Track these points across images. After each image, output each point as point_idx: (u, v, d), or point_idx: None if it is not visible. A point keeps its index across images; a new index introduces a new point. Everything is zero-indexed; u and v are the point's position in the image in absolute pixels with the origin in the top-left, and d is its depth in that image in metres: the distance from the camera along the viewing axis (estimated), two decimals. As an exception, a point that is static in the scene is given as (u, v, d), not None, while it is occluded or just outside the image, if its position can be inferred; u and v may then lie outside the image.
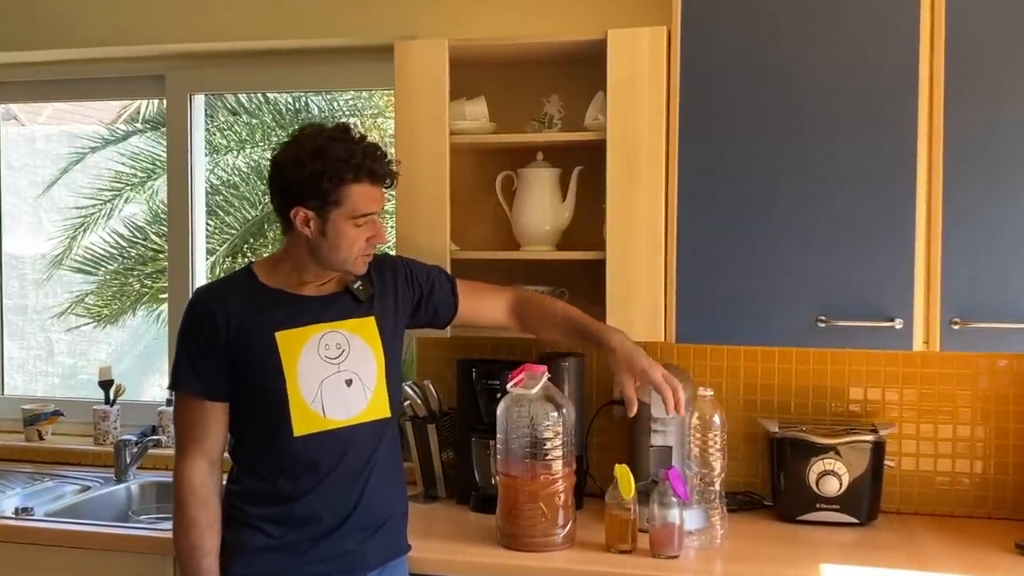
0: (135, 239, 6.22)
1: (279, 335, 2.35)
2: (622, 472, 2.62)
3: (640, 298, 2.79)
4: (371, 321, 2.46)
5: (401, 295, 2.57)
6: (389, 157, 2.38)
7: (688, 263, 2.73)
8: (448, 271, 2.78)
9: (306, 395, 2.34)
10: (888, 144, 2.59)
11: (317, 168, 2.28)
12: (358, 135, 2.36)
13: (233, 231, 6.11)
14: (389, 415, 2.45)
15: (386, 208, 2.58)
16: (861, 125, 2.61)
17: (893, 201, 2.60)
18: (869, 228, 2.61)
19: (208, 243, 4.61)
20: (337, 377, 2.37)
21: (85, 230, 6.05)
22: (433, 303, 2.64)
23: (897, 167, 2.59)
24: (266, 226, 6.06)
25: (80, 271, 6.15)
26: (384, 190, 2.40)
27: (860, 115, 2.61)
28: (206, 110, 3.91)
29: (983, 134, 2.54)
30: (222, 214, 6.10)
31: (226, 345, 2.35)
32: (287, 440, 2.34)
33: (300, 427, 2.34)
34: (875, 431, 2.88)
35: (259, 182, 6.12)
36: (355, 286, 2.46)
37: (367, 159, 2.31)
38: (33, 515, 3.03)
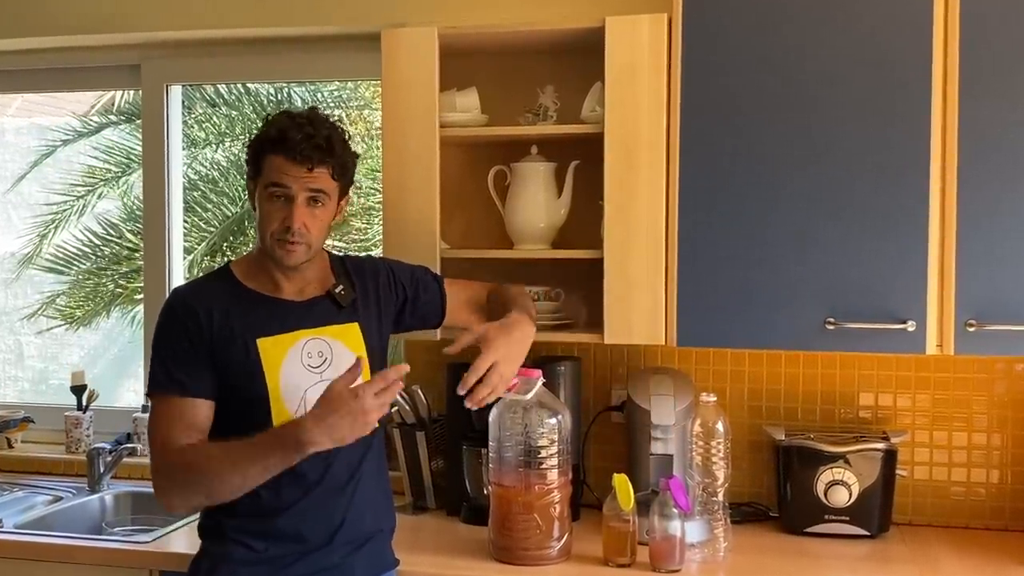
0: (109, 237, 6.19)
1: (261, 342, 2.35)
2: (621, 482, 2.62)
3: (640, 299, 2.79)
4: (354, 327, 2.46)
5: (384, 299, 2.57)
6: (328, 144, 2.34)
7: (690, 262, 2.73)
8: (434, 271, 2.77)
9: (289, 405, 2.34)
10: (900, 138, 2.60)
11: (254, 141, 2.39)
12: (309, 115, 2.37)
13: (212, 228, 6.09)
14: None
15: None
16: (871, 118, 2.61)
17: (905, 197, 2.60)
18: (880, 225, 2.62)
19: (186, 241, 4.59)
20: (320, 387, 2.35)
21: (56, 227, 6.02)
22: (420, 306, 2.64)
23: (909, 162, 2.60)
24: (246, 223, 6.04)
25: (51, 271, 6.12)
26: (310, 173, 2.33)
27: (870, 107, 2.61)
28: (183, 101, 3.90)
29: (998, 131, 2.55)
30: (200, 211, 6.07)
31: (210, 344, 2.33)
32: None
33: None
34: (886, 439, 2.88)
35: (239, 177, 6.09)
36: (337, 290, 2.46)
37: (292, 132, 2.32)
38: (2, 527, 3.03)
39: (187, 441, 2.28)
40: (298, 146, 2.31)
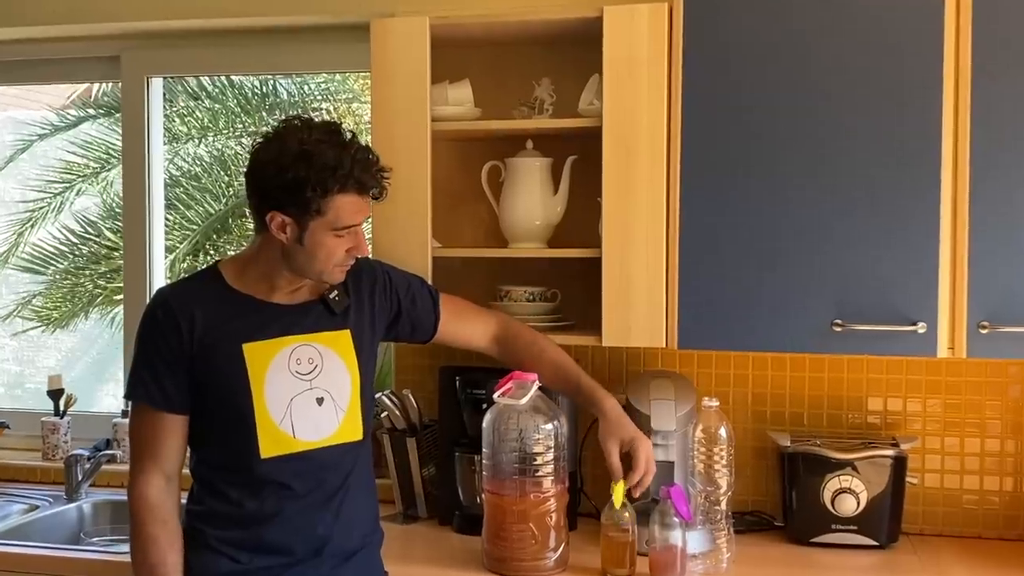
0: (87, 235, 6.20)
1: (247, 347, 2.34)
2: (619, 490, 2.62)
3: (639, 300, 2.79)
4: (346, 334, 2.45)
5: (378, 307, 2.56)
6: (380, 165, 2.35)
7: (691, 261, 2.73)
8: (431, 283, 2.77)
9: (274, 414, 2.34)
10: (910, 132, 2.60)
11: (301, 175, 2.24)
12: (348, 136, 2.32)
13: (194, 226, 6.09)
14: (361, 437, 2.45)
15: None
16: (881, 110, 2.61)
17: (915, 193, 2.60)
18: (890, 223, 2.62)
19: (167, 240, 4.60)
20: (308, 395, 2.37)
21: (33, 225, 6.03)
22: (411, 320, 2.64)
23: (920, 157, 2.60)
24: (230, 221, 6.05)
25: (27, 270, 6.13)
26: (373, 200, 2.37)
27: (879, 98, 2.61)
28: (165, 94, 3.90)
29: (1012, 126, 2.55)
30: (182, 208, 6.07)
31: (189, 355, 2.34)
32: (254, 462, 2.33)
33: (267, 449, 2.33)
34: (896, 445, 2.88)
35: (222, 173, 6.10)
36: (331, 296, 2.45)
37: (356, 167, 2.28)
38: (-25, 537, 3.02)
39: (159, 454, 2.36)
40: (371, 180, 2.32)
